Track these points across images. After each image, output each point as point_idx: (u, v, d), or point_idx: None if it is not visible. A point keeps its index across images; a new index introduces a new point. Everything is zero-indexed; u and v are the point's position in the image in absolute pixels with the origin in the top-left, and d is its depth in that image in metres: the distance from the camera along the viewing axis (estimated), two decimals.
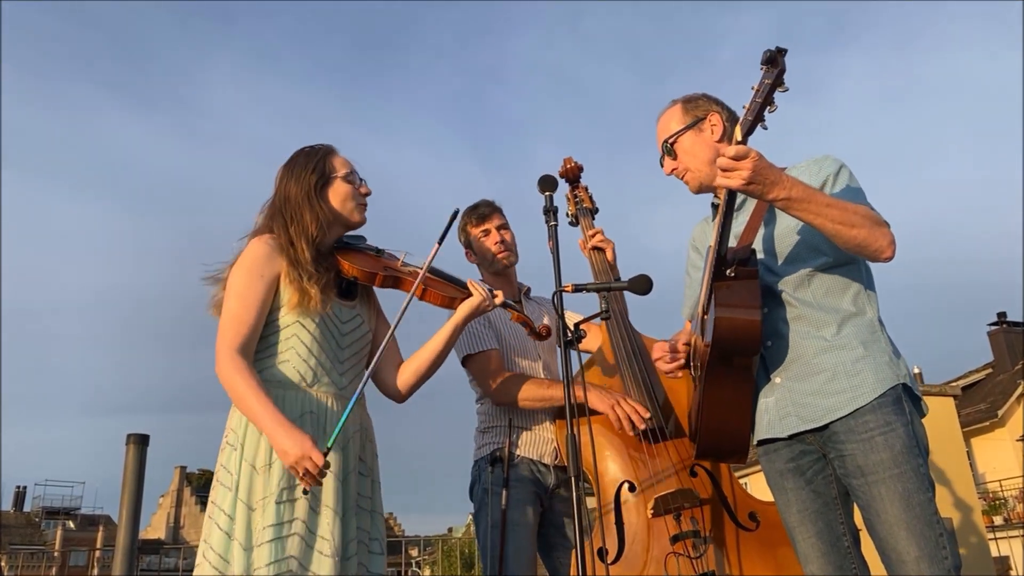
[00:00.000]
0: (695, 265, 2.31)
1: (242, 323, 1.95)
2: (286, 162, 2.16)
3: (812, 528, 1.97)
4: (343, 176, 2.13)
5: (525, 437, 2.64)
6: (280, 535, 1.83)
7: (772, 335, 1.99)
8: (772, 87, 1.65)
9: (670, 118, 2.20)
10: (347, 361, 2.11)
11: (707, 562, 2.26)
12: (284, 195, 2.10)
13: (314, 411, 1.99)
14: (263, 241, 2.05)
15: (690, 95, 2.22)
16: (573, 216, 2.99)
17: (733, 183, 1.73)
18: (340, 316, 2.11)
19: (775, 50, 1.66)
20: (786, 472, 2.02)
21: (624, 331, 2.68)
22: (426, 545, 25.97)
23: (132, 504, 3.43)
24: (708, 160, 2.10)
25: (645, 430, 2.46)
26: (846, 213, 1.80)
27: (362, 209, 2.17)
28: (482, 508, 2.57)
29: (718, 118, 2.14)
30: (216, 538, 1.86)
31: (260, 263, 2.01)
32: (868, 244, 1.83)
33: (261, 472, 1.89)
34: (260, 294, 1.98)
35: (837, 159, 2.02)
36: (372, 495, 2.08)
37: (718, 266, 1.87)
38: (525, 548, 2.50)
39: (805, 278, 1.98)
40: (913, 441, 1.84)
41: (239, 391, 1.88)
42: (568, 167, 3.03)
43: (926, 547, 1.76)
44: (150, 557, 35.59)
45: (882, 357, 1.92)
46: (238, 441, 1.94)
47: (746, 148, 1.70)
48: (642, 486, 2.42)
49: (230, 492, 1.89)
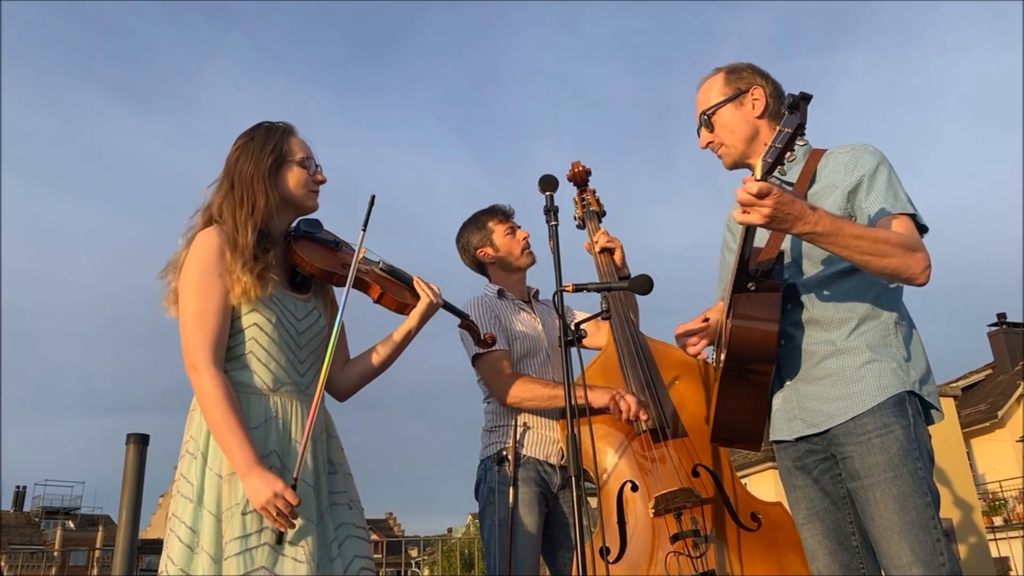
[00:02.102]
0: (729, 247, 2.26)
1: (209, 330, 1.87)
2: (243, 135, 2.09)
3: (820, 526, 1.96)
4: (299, 160, 2.06)
5: (531, 437, 2.65)
6: (247, 547, 1.77)
7: (784, 336, 1.97)
8: (793, 136, 1.63)
9: (711, 87, 2.12)
10: (307, 360, 2.04)
11: (708, 561, 2.26)
12: (238, 172, 2.02)
13: (276, 415, 1.93)
14: (212, 234, 1.95)
15: (735, 64, 2.13)
16: (580, 219, 2.99)
17: (753, 220, 1.68)
18: (296, 313, 2.03)
19: (799, 95, 1.63)
20: (793, 470, 2.02)
21: (627, 331, 2.68)
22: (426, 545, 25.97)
23: (132, 504, 3.42)
24: (745, 137, 2.05)
25: (648, 429, 2.46)
26: (876, 244, 1.74)
27: (315, 195, 2.10)
28: (488, 507, 2.58)
29: (761, 92, 2.06)
30: (177, 551, 1.79)
31: (214, 259, 1.92)
32: (900, 272, 1.78)
33: (227, 481, 1.83)
34: (222, 294, 1.90)
35: (876, 153, 1.94)
36: (346, 488, 2.02)
37: (739, 276, 1.85)
38: (530, 548, 2.51)
39: (829, 279, 1.94)
40: (912, 444, 1.80)
41: (214, 415, 1.82)
42: (576, 171, 3.04)
43: (921, 552, 1.73)
44: (150, 557, 35.44)
45: (889, 363, 1.87)
46: (198, 450, 1.87)
47: (768, 186, 1.64)
48: (644, 485, 2.43)
49: (191, 503, 1.82)
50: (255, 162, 2.02)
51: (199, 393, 1.85)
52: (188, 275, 1.93)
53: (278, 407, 1.94)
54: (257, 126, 2.10)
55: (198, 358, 1.85)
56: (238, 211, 1.97)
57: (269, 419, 1.91)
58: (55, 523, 44.17)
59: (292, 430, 1.94)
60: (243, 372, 1.93)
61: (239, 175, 2.02)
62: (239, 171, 2.02)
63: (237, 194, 2.00)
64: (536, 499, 2.57)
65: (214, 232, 1.96)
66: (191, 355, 1.87)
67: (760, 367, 1.92)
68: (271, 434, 1.90)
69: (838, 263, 1.92)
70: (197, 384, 1.86)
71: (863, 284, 1.93)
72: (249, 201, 1.98)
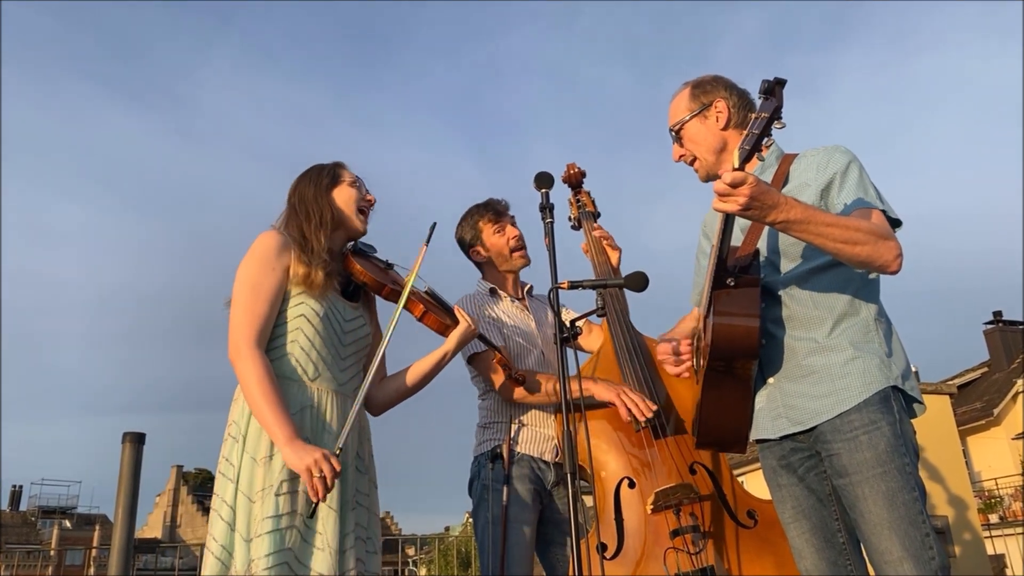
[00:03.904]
0: (704, 252, 2.29)
1: (257, 315, 1.98)
2: (300, 175, 2.26)
3: (806, 524, 1.97)
4: (349, 182, 2.24)
5: (526, 434, 2.64)
6: (279, 527, 1.85)
7: (765, 334, 1.97)
8: (769, 121, 1.64)
9: (679, 103, 2.17)
10: (348, 358, 2.14)
11: (706, 557, 2.27)
12: (300, 196, 2.19)
13: (313, 406, 2.01)
14: (272, 234, 2.09)
15: (701, 79, 2.18)
16: (576, 220, 3.01)
17: (729, 208, 1.71)
18: (344, 314, 2.14)
19: (773, 81, 1.65)
20: (779, 469, 2.02)
21: (625, 330, 2.69)
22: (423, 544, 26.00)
23: (128, 503, 3.42)
24: (714, 148, 2.09)
25: (646, 426, 2.47)
26: (848, 231, 1.76)
27: (364, 216, 2.25)
28: (481, 504, 2.57)
29: (724, 104, 2.10)
30: (219, 529, 1.88)
31: (271, 255, 2.04)
32: (873, 260, 1.80)
33: (262, 464, 1.91)
34: (273, 286, 2.02)
35: (847, 152, 1.98)
36: (369, 493, 2.10)
37: (718, 272, 1.86)
38: (524, 545, 2.51)
39: (806, 275, 1.96)
40: (900, 440, 1.81)
41: (254, 393, 1.91)
42: (571, 172, 3.07)
43: (910, 547, 1.73)
44: (146, 556, 35.51)
45: (872, 360, 1.89)
46: (240, 433, 1.96)
47: (743, 175, 1.66)
48: (642, 482, 2.44)
49: (231, 483, 1.92)
50: (315, 184, 2.20)
51: (242, 374, 1.93)
52: (244, 268, 2.05)
53: (315, 397, 2.02)
54: (310, 167, 2.28)
55: (242, 339, 1.94)
56: (306, 225, 2.12)
57: (305, 407, 2.00)
58: (51, 522, 44.07)
59: (328, 421, 2.01)
60: (283, 362, 2.02)
61: (300, 198, 2.19)
62: (300, 195, 2.20)
63: (302, 211, 2.15)
64: (530, 496, 2.56)
65: (274, 233, 2.10)
66: (236, 338, 1.95)
67: (744, 363, 1.93)
68: (305, 422, 1.98)
69: (815, 259, 1.94)
70: (240, 366, 1.93)
71: (841, 280, 1.94)
72: (316, 214, 2.14)
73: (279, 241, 2.07)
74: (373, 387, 2.22)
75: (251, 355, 1.93)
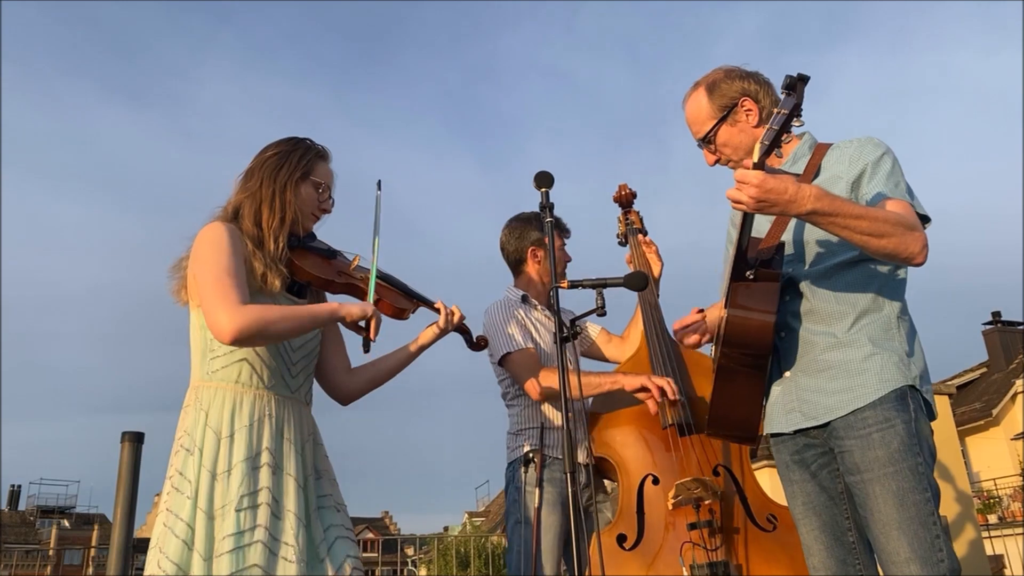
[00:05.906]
0: (732, 241, 2.26)
1: (235, 281, 1.82)
2: (285, 141, 2.10)
3: (816, 521, 1.95)
4: (315, 184, 2.08)
5: (556, 438, 2.67)
6: (241, 544, 1.75)
7: (784, 327, 1.96)
8: (789, 117, 1.64)
9: (699, 110, 2.10)
10: (298, 364, 2.03)
11: (722, 554, 2.31)
12: (271, 177, 2.02)
13: (271, 415, 1.92)
14: (222, 227, 1.93)
15: (712, 77, 2.11)
16: (623, 236, 3.11)
17: (742, 208, 1.70)
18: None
19: (796, 76, 1.63)
20: (791, 464, 2.01)
21: (658, 332, 2.78)
22: (422, 544, 26.00)
23: (127, 502, 3.41)
24: (749, 148, 2.03)
25: (673, 424, 2.53)
26: (875, 223, 1.73)
27: (313, 221, 2.11)
28: (514, 506, 2.63)
29: (751, 101, 2.05)
30: (173, 547, 1.75)
31: (230, 241, 1.90)
32: (899, 252, 1.77)
33: (221, 479, 1.80)
34: (242, 265, 1.89)
35: (880, 144, 1.94)
36: (332, 492, 2.02)
37: (738, 264, 1.84)
38: (552, 548, 2.56)
39: (830, 270, 1.93)
40: (914, 439, 1.79)
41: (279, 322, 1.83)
42: (623, 193, 3.16)
43: (919, 548, 1.71)
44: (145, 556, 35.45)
45: (891, 357, 1.86)
46: (195, 445, 1.83)
47: (751, 173, 1.65)
48: (666, 479, 2.50)
49: (188, 500, 1.79)
50: (288, 170, 2.04)
51: (242, 325, 1.77)
52: (207, 249, 1.87)
53: (272, 406, 1.93)
54: (299, 139, 2.12)
55: (227, 306, 1.78)
56: (271, 218, 1.98)
57: (263, 417, 1.90)
58: (50, 522, 44.02)
59: (286, 430, 1.93)
60: (239, 365, 1.92)
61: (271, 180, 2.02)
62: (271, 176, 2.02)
63: (267, 199, 2.00)
64: (561, 499, 2.60)
65: (223, 225, 1.93)
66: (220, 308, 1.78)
67: (756, 358, 1.91)
68: (264, 432, 1.89)
69: (840, 254, 1.91)
70: (242, 325, 1.77)
71: (865, 277, 1.92)
72: (280, 211, 1.99)
73: (234, 231, 1.93)
74: (339, 377, 2.17)
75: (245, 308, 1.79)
